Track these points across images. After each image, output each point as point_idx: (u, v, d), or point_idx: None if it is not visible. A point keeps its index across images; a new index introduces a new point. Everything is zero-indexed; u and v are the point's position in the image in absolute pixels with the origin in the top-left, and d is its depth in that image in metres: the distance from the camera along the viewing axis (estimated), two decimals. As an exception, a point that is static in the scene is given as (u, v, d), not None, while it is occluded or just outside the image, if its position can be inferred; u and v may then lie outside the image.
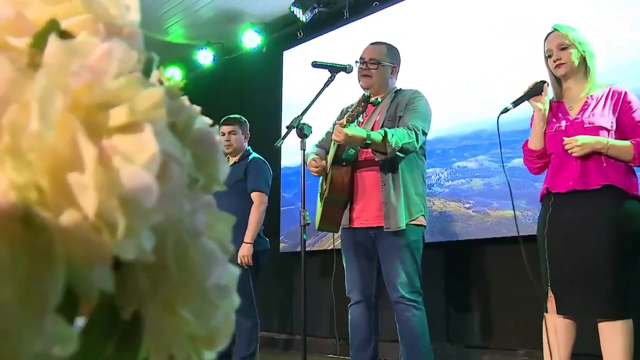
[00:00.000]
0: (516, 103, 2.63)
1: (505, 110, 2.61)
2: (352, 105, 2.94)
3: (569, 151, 2.49)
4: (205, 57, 6.68)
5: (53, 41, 0.26)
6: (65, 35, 0.29)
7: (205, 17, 6.17)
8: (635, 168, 2.55)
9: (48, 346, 0.23)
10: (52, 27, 0.29)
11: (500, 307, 4.29)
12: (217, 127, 0.46)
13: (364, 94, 2.91)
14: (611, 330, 2.39)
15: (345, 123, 2.83)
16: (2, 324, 0.21)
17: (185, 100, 0.44)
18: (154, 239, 0.30)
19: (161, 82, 0.44)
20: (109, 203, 0.25)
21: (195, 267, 0.34)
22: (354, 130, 2.83)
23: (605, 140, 2.47)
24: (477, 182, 4.60)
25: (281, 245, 5.93)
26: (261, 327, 3.92)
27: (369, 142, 2.84)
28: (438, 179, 4.87)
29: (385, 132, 2.83)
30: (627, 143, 2.47)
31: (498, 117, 2.58)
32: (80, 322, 0.30)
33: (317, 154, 3.18)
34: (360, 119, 2.95)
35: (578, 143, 2.46)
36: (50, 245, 0.24)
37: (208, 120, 0.46)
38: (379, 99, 3.16)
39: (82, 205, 0.25)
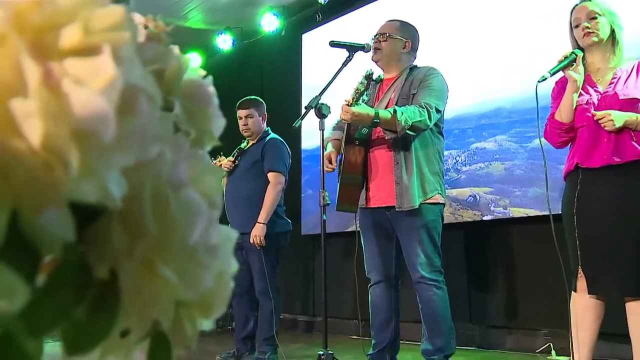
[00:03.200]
0: (553, 72, 2.54)
1: (544, 78, 2.51)
2: (359, 81, 2.89)
3: (603, 125, 2.42)
4: (224, 42, 6.65)
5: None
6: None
7: (223, 1, 6.13)
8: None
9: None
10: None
11: (523, 287, 4.23)
12: (210, 77, 0.42)
13: (366, 71, 2.87)
14: (638, 309, 2.34)
15: (351, 102, 2.78)
16: None
17: (175, 49, 0.41)
18: (125, 186, 0.26)
19: (146, 27, 0.40)
20: (58, 133, 0.21)
21: (177, 222, 0.30)
22: (361, 109, 2.79)
23: (636, 115, 2.41)
24: (497, 166, 4.52)
25: (302, 227, 5.91)
26: (283, 309, 3.91)
27: (377, 120, 2.80)
28: (455, 162, 4.78)
29: (395, 110, 2.78)
30: None
31: (537, 86, 2.46)
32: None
33: (333, 141, 3.14)
34: (365, 97, 2.90)
35: (612, 117, 2.40)
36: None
37: (202, 72, 0.42)
38: (381, 76, 3.11)
39: (27, 134, 0.21)
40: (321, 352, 2.75)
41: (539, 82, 2.49)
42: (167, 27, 0.39)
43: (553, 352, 3.87)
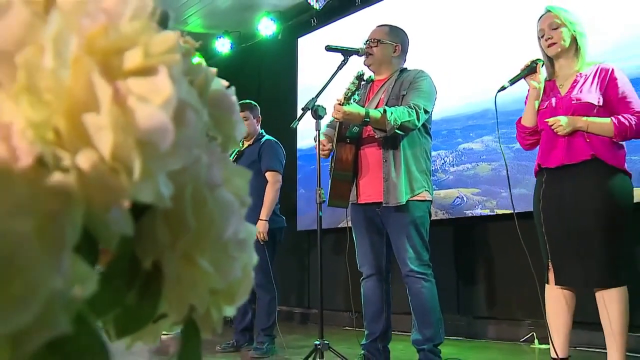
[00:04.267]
0: (513, 81, 2.62)
1: (503, 88, 2.60)
2: (350, 82, 2.92)
3: (554, 130, 2.49)
4: (223, 46, 6.66)
5: (66, -16, 0.25)
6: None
7: (222, 6, 6.13)
8: (620, 147, 2.54)
9: (67, 285, 0.22)
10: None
11: (508, 280, 4.27)
12: (233, 88, 0.45)
13: (357, 72, 2.90)
14: (608, 298, 2.40)
15: (343, 101, 2.81)
16: (20, 258, 0.20)
17: (202, 61, 0.43)
18: (172, 187, 0.29)
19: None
20: (125, 143, 0.23)
21: (214, 218, 0.33)
22: (352, 108, 2.81)
23: (585, 119, 2.46)
24: (484, 167, 4.54)
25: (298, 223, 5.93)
26: (279, 302, 3.94)
27: (368, 119, 2.83)
28: (443, 163, 4.80)
29: (385, 110, 2.81)
30: (607, 120, 2.45)
31: (496, 95, 2.57)
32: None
33: (326, 134, 3.16)
34: (356, 97, 2.93)
35: (561, 123, 2.47)
36: (67, 184, 0.22)
37: (224, 82, 0.45)
38: (372, 77, 3.14)
39: (98, 145, 0.23)
40: (317, 342, 2.78)
41: (498, 92, 2.57)
42: (196, 43, 0.42)
43: (536, 341, 3.92)
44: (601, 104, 2.49)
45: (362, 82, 2.94)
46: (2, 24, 0.23)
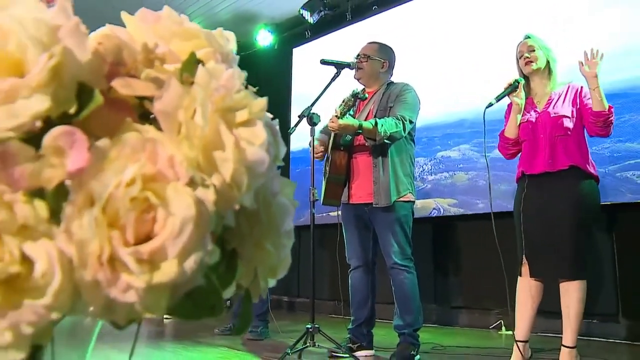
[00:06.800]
0: (498, 98, 2.74)
1: (490, 105, 2.71)
2: (347, 98, 3.03)
3: (590, 66, 2.57)
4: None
5: (201, 69, 0.37)
6: (199, 62, 0.40)
7: (223, 18, 6.22)
8: (590, 156, 2.68)
9: (206, 255, 0.35)
10: (193, 57, 0.40)
11: (480, 273, 4.41)
12: (277, 120, 0.57)
13: (353, 90, 3.02)
14: (570, 288, 2.56)
15: (339, 115, 2.94)
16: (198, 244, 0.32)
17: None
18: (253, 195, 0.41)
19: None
20: (239, 170, 0.36)
21: (276, 216, 0.45)
22: (347, 120, 2.95)
23: (599, 85, 2.55)
24: (461, 176, 4.66)
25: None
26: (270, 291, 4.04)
27: (360, 130, 2.96)
28: (422, 171, 4.87)
29: (376, 122, 2.94)
30: (605, 101, 2.57)
31: (484, 111, 2.68)
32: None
33: (319, 139, 3.27)
34: (351, 112, 3.05)
35: (597, 68, 2.55)
36: (208, 195, 0.35)
37: (269, 115, 0.57)
38: (366, 95, 3.26)
39: (222, 172, 0.35)
40: (309, 326, 2.89)
41: (486, 108, 2.69)
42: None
43: (503, 327, 4.07)
44: (574, 115, 2.66)
45: (358, 99, 3.07)
46: (166, 94, 0.35)
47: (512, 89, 2.74)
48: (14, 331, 0.30)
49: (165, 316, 0.45)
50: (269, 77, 6.65)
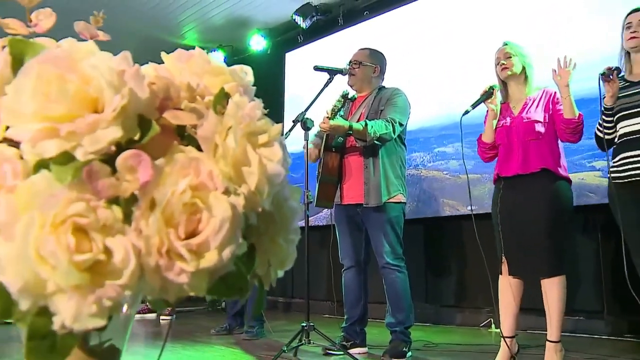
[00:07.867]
0: (474, 105, 2.86)
1: (467, 112, 2.82)
2: (336, 99, 3.14)
3: (562, 76, 2.66)
4: (216, 59, 6.75)
5: (231, 103, 0.47)
6: (227, 95, 0.50)
7: (217, 23, 6.31)
8: (563, 158, 2.80)
9: (237, 247, 0.45)
10: (222, 92, 0.50)
11: (470, 273, 4.53)
12: (284, 135, 0.67)
13: (342, 92, 3.13)
14: (550, 285, 2.68)
15: (330, 116, 3.04)
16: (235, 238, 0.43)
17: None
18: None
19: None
20: (262, 181, 0.46)
21: (287, 217, 0.55)
22: (337, 121, 3.05)
23: (570, 94, 2.66)
24: (454, 163, 4.81)
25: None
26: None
27: (351, 131, 3.07)
28: (422, 161, 5.07)
29: (366, 123, 3.05)
30: (575, 109, 2.68)
31: (461, 118, 2.79)
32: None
33: (313, 143, 3.36)
34: (341, 112, 3.15)
35: (568, 77, 2.65)
36: (239, 201, 0.45)
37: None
38: (355, 95, 3.37)
39: (249, 183, 0.46)
40: (304, 324, 2.99)
41: (463, 115, 2.79)
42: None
43: (493, 325, 4.19)
44: (547, 120, 2.77)
45: (347, 100, 3.18)
46: (206, 123, 0.45)
47: (487, 95, 2.85)
48: (98, 304, 0.40)
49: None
50: (261, 81, 6.58)
